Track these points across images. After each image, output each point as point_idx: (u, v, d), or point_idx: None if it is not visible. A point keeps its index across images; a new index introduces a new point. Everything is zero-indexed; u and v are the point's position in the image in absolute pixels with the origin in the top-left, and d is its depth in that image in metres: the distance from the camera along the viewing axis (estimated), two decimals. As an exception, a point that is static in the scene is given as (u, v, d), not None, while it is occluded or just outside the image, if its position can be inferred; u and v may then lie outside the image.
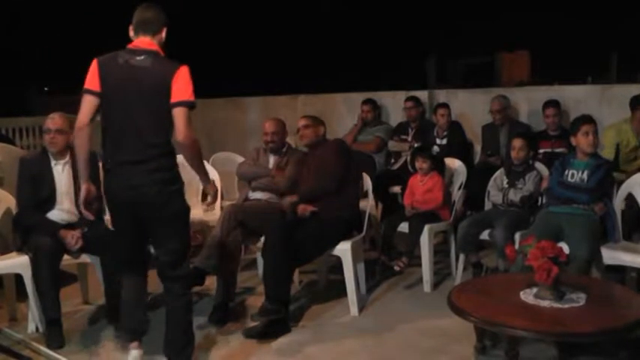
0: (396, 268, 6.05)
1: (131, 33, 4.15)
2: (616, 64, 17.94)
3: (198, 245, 6.96)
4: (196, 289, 5.64)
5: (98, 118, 4.17)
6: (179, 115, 3.96)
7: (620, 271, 5.52)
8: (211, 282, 5.78)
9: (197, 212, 6.80)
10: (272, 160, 6.28)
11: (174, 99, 3.96)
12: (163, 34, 4.19)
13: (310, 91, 9.60)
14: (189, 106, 4.01)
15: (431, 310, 5.46)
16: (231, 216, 5.60)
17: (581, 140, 5.51)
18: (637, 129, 6.62)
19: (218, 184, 6.81)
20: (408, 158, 7.74)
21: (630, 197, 5.68)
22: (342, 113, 6.87)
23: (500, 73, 19.21)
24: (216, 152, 7.90)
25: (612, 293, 4.51)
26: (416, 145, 7.72)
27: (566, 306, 3.95)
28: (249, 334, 5.07)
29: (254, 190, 6.18)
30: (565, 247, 4.95)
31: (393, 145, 8.08)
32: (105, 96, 4.05)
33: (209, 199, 4.51)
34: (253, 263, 6.67)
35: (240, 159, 7.13)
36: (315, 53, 17.36)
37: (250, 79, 8.74)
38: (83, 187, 4.24)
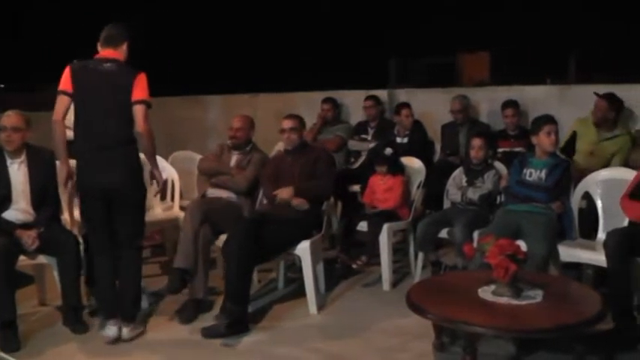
0: (354, 266, 6.04)
1: (99, 47, 4.97)
2: (574, 65, 18.14)
3: (157, 245, 6.93)
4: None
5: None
6: (139, 111, 4.82)
7: (577, 268, 5.60)
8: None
9: (156, 212, 6.75)
10: (235, 158, 6.25)
11: (134, 98, 4.81)
12: (125, 47, 5.01)
13: (271, 89, 9.57)
14: (147, 104, 4.85)
15: (390, 308, 5.47)
16: (196, 211, 5.57)
17: (544, 139, 5.57)
18: (600, 126, 6.66)
19: (177, 183, 6.78)
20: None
21: (589, 196, 5.75)
22: (302, 112, 6.85)
23: (461, 73, 19.32)
24: (175, 151, 7.81)
25: (569, 290, 4.56)
26: (372, 145, 7.76)
27: (524, 302, 3.98)
28: (209, 334, 5.01)
29: (213, 186, 6.14)
30: (523, 245, 4.99)
31: (353, 145, 8.08)
32: (77, 95, 4.86)
33: (156, 184, 5.21)
34: (212, 263, 6.62)
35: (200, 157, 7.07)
36: (276, 52, 17.31)
37: (211, 77, 8.67)
38: (63, 168, 4.97)
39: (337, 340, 4.96)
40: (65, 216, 5.93)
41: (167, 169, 6.91)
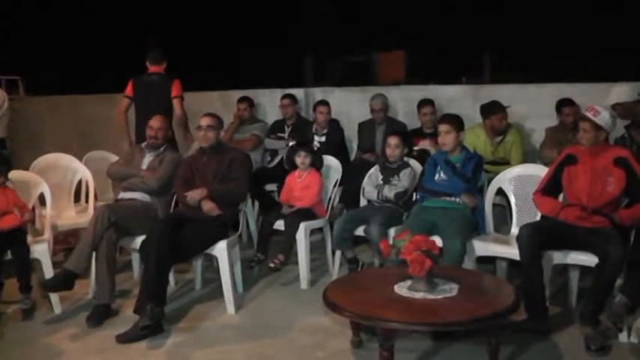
0: (271, 265, 5.99)
1: (148, 64, 7.66)
2: (489, 64, 18.49)
3: (71, 248, 6.75)
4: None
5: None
6: (176, 102, 7.42)
7: (491, 261, 5.70)
8: (82, 285, 5.69)
9: (69, 215, 6.60)
10: (148, 158, 6.15)
11: (173, 95, 7.41)
12: (164, 64, 7.70)
13: (186, 88, 9.43)
14: (181, 98, 7.46)
15: (308, 306, 5.47)
16: (104, 216, 5.41)
17: (439, 139, 5.78)
18: (490, 135, 6.90)
19: (91, 184, 6.63)
20: (284, 156, 7.76)
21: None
22: (218, 111, 6.79)
23: (378, 72, 19.44)
24: (90, 151, 7.62)
25: (483, 283, 4.66)
26: (291, 143, 7.77)
27: (440, 297, 4.04)
28: (124, 339, 4.88)
29: (125, 190, 6.01)
30: (439, 241, 5.07)
31: (269, 143, 8.06)
32: (136, 98, 7.56)
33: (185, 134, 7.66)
34: (127, 265, 6.53)
35: (115, 158, 6.95)
36: (192, 50, 17.13)
37: (126, 75, 8.49)
38: (126, 141, 7.58)
39: (255, 339, 4.91)
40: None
41: (81, 170, 6.76)
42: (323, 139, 7.72)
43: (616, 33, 15.29)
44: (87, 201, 6.78)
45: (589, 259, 4.78)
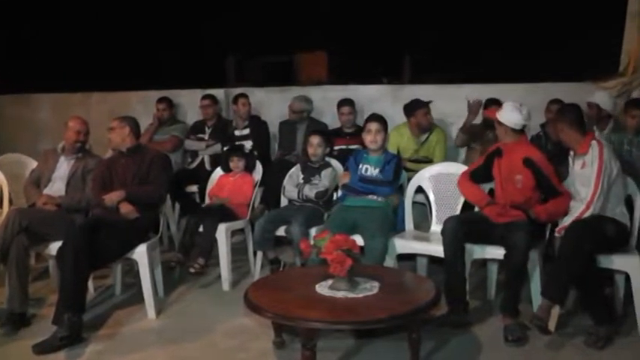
0: (192, 270, 5.91)
1: None
2: (410, 65, 18.69)
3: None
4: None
5: None
6: None
7: (412, 258, 5.76)
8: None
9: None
10: (66, 163, 5.97)
11: None
12: None
13: (104, 88, 9.27)
14: None
15: (230, 308, 5.42)
16: (14, 221, 5.23)
17: (366, 137, 5.80)
18: (415, 134, 6.97)
19: (5, 188, 6.43)
20: (206, 158, 7.71)
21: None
22: (138, 112, 6.71)
23: (299, 72, 19.45)
24: (4, 153, 7.40)
25: (404, 280, 4.72)
26: (209, 145, 7.75)
27: (361, 295, 4.06)
28: (41, 349, 4.71)
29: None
30: (360, 240, 5.10)
31: (189, 144, 7.99)
32: None
33: None
34: (45, 272, 6.40)
35: (31, 161, 6.76)
36: (110, 49, 16.80)
37: (40, 74, 8.30)
38: None
39: (177, 343, 4.86)
40: None
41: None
42: (245, 132, 7.71)
43: (533, 35, 15.61)
44: (1, 206, 6.57)
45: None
